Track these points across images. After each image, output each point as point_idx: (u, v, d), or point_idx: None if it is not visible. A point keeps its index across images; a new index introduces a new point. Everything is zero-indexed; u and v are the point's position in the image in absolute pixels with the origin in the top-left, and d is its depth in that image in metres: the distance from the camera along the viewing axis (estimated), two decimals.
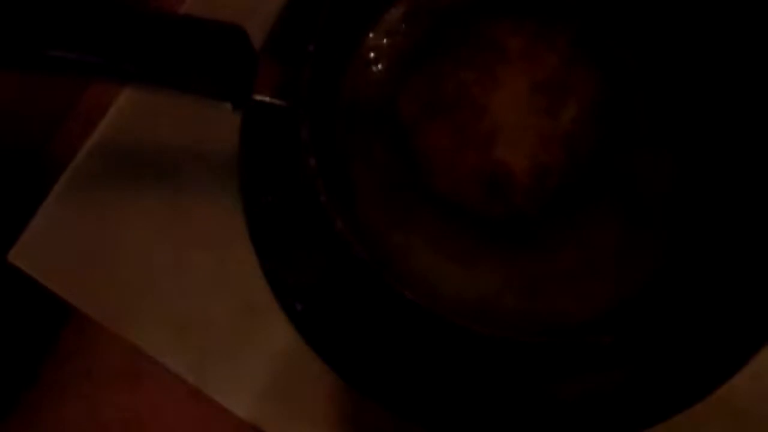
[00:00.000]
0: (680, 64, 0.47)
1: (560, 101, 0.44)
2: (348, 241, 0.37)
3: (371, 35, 0.48)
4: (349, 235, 0.36)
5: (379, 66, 0.47)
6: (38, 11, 0.38)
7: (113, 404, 0.80)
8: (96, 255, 0.51)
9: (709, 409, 0.45)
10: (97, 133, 0.53)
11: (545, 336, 0.38)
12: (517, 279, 0.44)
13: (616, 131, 0.44)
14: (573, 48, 0.45)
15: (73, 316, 0.80)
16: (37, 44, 0.37)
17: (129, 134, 0.53)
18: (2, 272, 0.52)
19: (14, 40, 0.37)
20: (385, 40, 0.48)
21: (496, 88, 0.45)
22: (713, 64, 0.46)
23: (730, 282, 0.43)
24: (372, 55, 0.47)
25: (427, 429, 0.45)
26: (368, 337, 0.46)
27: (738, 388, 0.44)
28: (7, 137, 0.91)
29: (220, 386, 0.48)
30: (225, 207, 0.50)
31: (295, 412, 0.47)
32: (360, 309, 0.46)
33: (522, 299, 0.43)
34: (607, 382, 0.44)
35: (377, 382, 0.46)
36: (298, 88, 0.39)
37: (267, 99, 0.40)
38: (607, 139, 0.44)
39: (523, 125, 0.44)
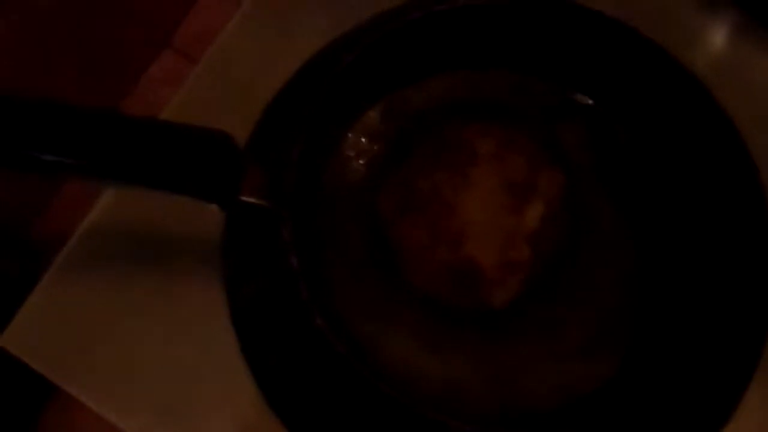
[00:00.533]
0: (641, 166, 0.50)
1: (527, 200, 0.47)
2: (327, 337, 0.39)
3: (350, 135, 0.51)
4: (328, 332, 0.39)
5: (359, 163, 0.50)
6: (32, 117, 0.40)
7: None
8: (84, 339, 0.52)
9: None
10: (88, 220, 0.55)
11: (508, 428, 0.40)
12: (485, 366, 0.46)
13: (579, 229, 0.47)
14: (540, 151, 0.49)
15: (56, 395, 0.80)
16: (30, 148, 0.39)
17: (119, 221, 0.55)
18: None
19: (7, 143, 0.39)
20: (363, 139, 0.51)
21: (466, 187, 0.48)
22: (672, 164, 0.50)
23: (694, 375, 0.46)
24: (351, 153, 0.50)
25: None
26: (342, 422, 0.48)
27: None
28: None
29: None
30: (211, 294, 0.52)
31: None
32: (336, 396, 0.48)
33: (490, 385, 0.46)
34: None
35: None
36: (281, 191, 0.41)
37: (253, 200, 0.42)
38: (571, 237, 0.47)
39: (492, 223, 0.47)
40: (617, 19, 0.47)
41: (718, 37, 0.57)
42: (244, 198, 0.42)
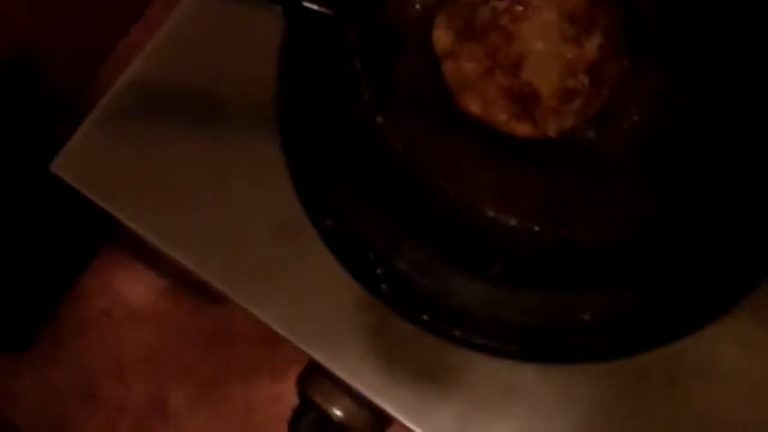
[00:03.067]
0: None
1: (586, 31, 0.47)
2: (387, 134, 0.39)
3: None
4: (389, 129, 0.39)
5: None
6: None
7: (131, 342, 0.83)
8: (136, 171, 0.53)
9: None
10: (142, 57, 0.55)
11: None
12: (537, 198, 0.46)
13: (636, 58, 0.47)
14: None
15: (98, 257, 0.82)
16: None
17: (173, 63, 0.55)
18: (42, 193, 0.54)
19: None
20: None
21: (526, 16, 0.47)
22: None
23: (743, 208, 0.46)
24: None
25: (451, 338, 0.48)
26: (396, 250, 0.49)
27: None
28: (46, 79, 0.93)
29: (250, 293, 0.50)
30: (262, 131, 0.52)
31: (323, 324, 0.49)
32: (387, 221, 0.48)
33: (534, 207, 0.46)
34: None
35: (405, 295, 0.48)
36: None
37: (316, 7, 0.42)
38: (629, 66, 0.47)
39: (551, 52, 0.47)
40: None
41: None
42: (306, 3, 0.42)
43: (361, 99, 0.40)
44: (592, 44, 0.47)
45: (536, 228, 0.38)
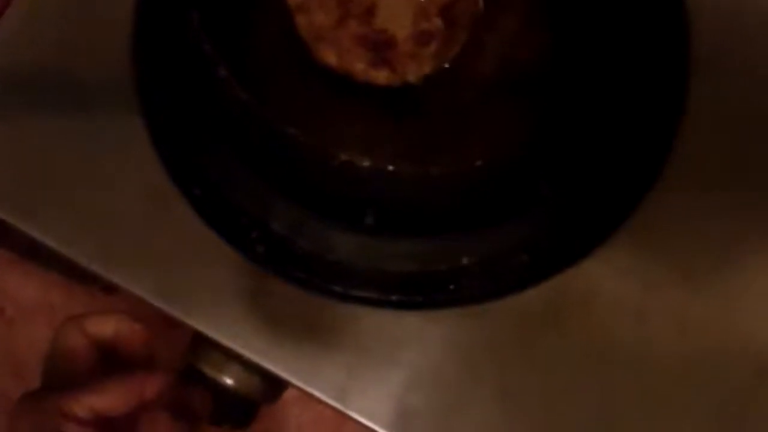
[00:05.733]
0: None
1: None
2: (230, 85, 0.38)
3: None
4: (233, 79, 0.38)
5: None
6: None
7: (28, 339, 0.80)
8: None
9: None
10: None
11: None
12: (393, 140, 0.46)
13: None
14: None
15: None
16: None
17: (25, 45, 0.53)
18: None
19: None
20: None
21: None
22: None
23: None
24: None
25: (332, 294, 0.47)
26: (269, 212, 0.48)
27: None
28: None
29: (124, 271, 0.49)
30: (123, 105, 0.51)
31: (202, 293, 0.48)
32: (256, 183, 0.48)
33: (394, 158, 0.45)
34: None
35: (282, 256, 0.48)
36: None
37: None
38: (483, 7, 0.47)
39: None
40: None
41: None
42: None
43: (204, 55, 0.38)
44: None
45: (390, 167, 0.38)
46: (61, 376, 0.39)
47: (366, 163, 0.37)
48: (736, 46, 0.53)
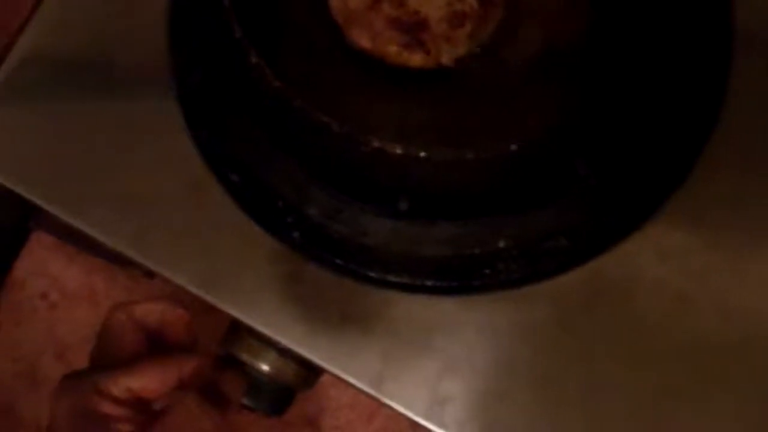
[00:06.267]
0: None
1: None
2: (264, 72, 0.38)
3: None
4: (266, 66, 0.38)
5: None
6: None
7: (70, 324, 0.82)
8: (37, 147, 0.52)
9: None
10: (27, 36, 0.54)
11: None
12: (440, 121, 0.45)
13: None
14: None
15: (26, 244, 0.81)
16: None
17: (60, 34, 0.54)
18: None
19: None
20: None
21: None
22: None
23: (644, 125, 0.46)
24: None
25: (368, 280, 0.47)
26: (304, 197, 0.48)
27: None
28: None
29: (162, 258, 0.49)
30: (159, 92, 0.51)
31: (238, 280, 0.49)
32: (292, 168, 0.48)
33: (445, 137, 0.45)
34: None
35: (317, 241, 0.48)
36: None
37: None
38: None
39: None
40: None
41: None
42: None
43: (236, 41, 0.38)
44: None
45: (422, 154, 0.37)
46: (108, 360, 0.40)
47: (398, 150, 0.37)
48: None
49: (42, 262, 0.81)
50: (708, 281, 0.47)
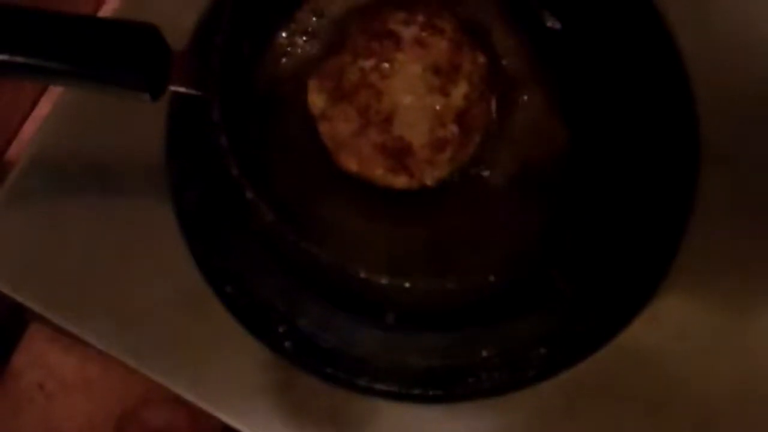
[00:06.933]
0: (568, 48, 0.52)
1: (452, 81, 0.49)
2: (258, 206, 0.40)
3: (283, 33, 0.52)
4: (261, 201, 0.40)
5: (291, 59, 0.52)
6: None
7: (66, 413, 0.83)
8: (39, 256, 0.54)
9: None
10: (31, 146, 0.56)
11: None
12: (425, 243, 0.48)
13: (503, 105, 0.49)
14: (462, 35, 0.50)
15: (23, 336, 0.83)
16: None
17: (62, 144, 0.56)
18: None
19: None
20: (295, 37, 0.52)
21: (393, 72, 0.49)
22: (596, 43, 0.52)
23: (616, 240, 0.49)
24: (284, 49, 0.52)
25: (356, 388, 0.49)
26: (296, 308, 0.50)
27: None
28: None
29: (157, 366, 0.51)
30: (157, 204, 0.53)
31: (231, 386, 0.51)
32: (284, 281, 0.50)
33: (429, 262, 0.48)
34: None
35: (308, 350, 0.50)
36: (209, 77, 0.43)
37: (182, 89, 0.44)
38: (497, 111, 0.49)
39: (420, 104, 0.49)
40: None
41: None
42: (173, 87, 0.43)
43: (232, 177, 0.41)
44: (458, 93, 0.49)
45: (406, 284, 0.40)
46: None
47: (384, 281, 0.39)
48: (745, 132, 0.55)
49: (39, 353, 0.83)
50: (682, 388, 0.49)
